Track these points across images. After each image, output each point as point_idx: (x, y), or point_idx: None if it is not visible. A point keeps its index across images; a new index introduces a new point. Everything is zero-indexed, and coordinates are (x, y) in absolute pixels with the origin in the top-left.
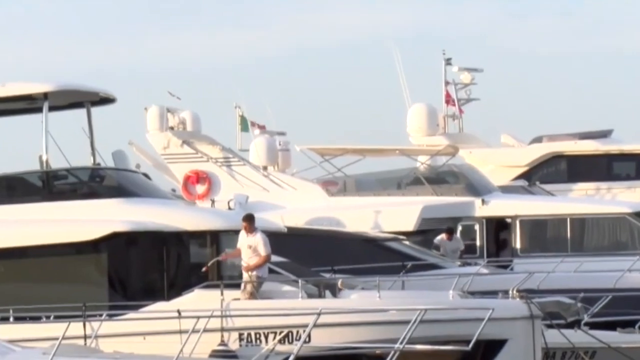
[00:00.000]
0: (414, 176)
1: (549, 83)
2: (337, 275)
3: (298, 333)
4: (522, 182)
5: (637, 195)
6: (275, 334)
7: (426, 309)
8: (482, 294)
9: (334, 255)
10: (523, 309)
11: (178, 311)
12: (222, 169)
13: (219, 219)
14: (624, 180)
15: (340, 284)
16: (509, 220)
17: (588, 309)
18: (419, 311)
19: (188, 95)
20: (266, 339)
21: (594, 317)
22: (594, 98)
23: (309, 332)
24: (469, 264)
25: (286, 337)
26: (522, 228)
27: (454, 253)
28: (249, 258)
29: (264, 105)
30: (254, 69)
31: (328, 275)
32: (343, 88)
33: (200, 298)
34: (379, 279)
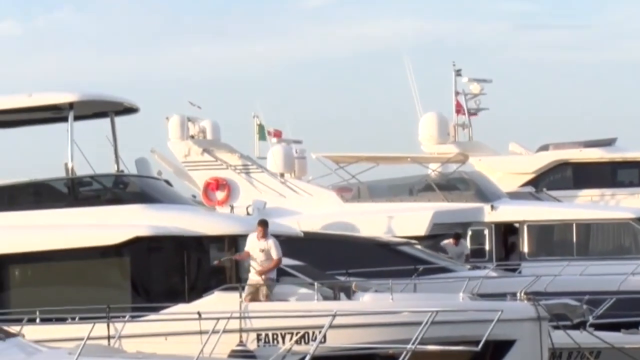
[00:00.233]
0: (426, 183)
1: (555, 93)
2: (352, 278)
3: (314, 334)
4: (530, 189)
5: None
6: (292, 334)
7: (437, 311)
8: (491, 296)
9: (348, 259)
10: (531, 310)
11: (198, 313)
12: (241, 176)
13: (237, 224)
14: (627, 187)
15: (355, 286)
16: (517, 225)
17: (593, 310)
18: (431, 313)
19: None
20: (283, 339)
21: (598, 319)
22: (598, 108)
23: (325, 333)
24: (479, 268)
25: (302, 338)
26: (530, 233)
27: (459, 257)
28: (261, 261)
29: (281, 114)
30: (272, 79)
31: (343, 278)
32: (357, 98)
33: (219, 300)
34: (392, 281)
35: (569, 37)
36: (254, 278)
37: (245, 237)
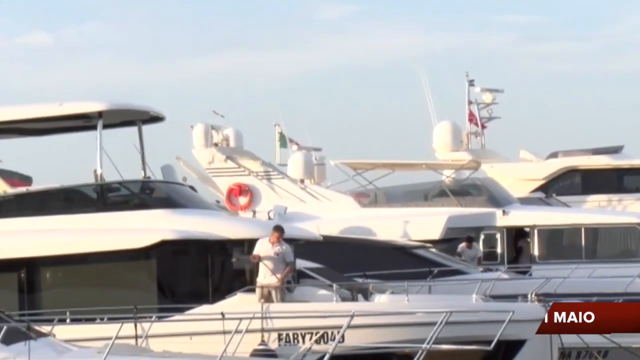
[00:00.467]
0: (440, 189)
1: (564, 103)
2: (369, 280)
3: (333, 334)
4: (540, 195)
5: None
6: (312, 334)
7: (451, 312)
8: (503, 297)
9: (365, 262)
10: (541, 311)
11: (222, 313)
12: (263, 182)
13: (259, 228)
14: (634, 193)
15: (372, 288)
16: (528, 229)
17: None
18: (445, 313)
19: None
20: (303, 339)
21: None
22: (606, 116)
23: (343, 333)
24: (491, 270)
25: (322, 338)
26: (540, 237)
27: (472, 260)
28: (276, 265)
29: (302, 122)
30: (293, 89)
31: (360, 280)
32: (374, 107)
33: (242, 301)
34: (407, 283)
35: (577, 48)
36: (264, 281)
37: None
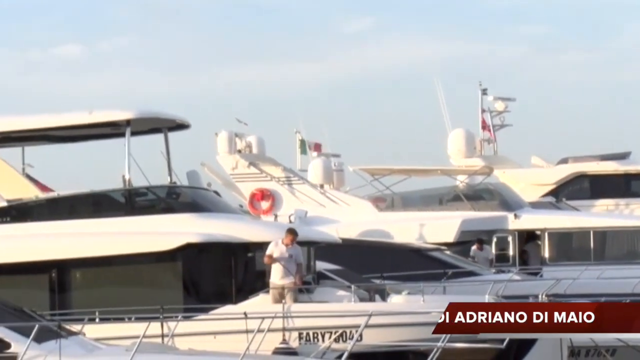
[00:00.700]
0: (454, 193)
1: (574, 110)
2: (386, 282)
3: (351, 333)
4: (550, 199)
5: None
6: (331, 333)
7: None
8: (515, 298)
9: (383, 264)
10: None
11: (245, 313)
12: (284, 187)
13: (280, 232)
14: None
15: (389, 289)
16: (539, 232)
17: None
18: None
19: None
20: (323, 338)
21: None
22: (614, 123)
23: (361, 332)
24: (503, 272)
25: (340, 336)
26: (550, 240)
27: (484, 261)
28: (289, 266)
29: (321, 130)
30: (313, 98)
31: (377, 281)
32: (391, 115)
33: (264, 301)
34: (423, 284)
35: (586, 59)
36: (278, 282)
37: None
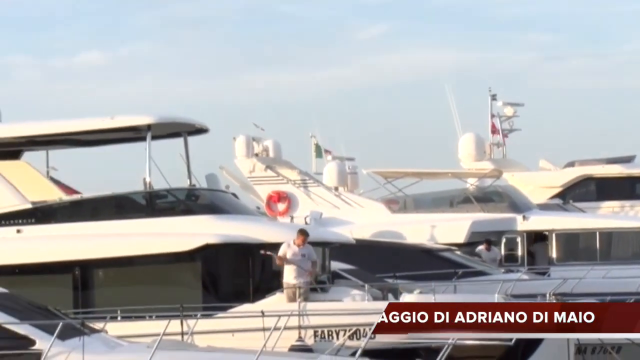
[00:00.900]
0: (464, 196)
1: (580, 115)
2: (398, 281)
3: (365, 330)
4: (557, 201)
5: None
6: (345, 331)
7: None
8: (523, 297)
9: (395, 264)
10: None
11: (262, 311)
12: (300, 189)
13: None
14: None
15: (401, 288)
16: (546, 233)
17: None
18: None
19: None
20: (337, 335)
21: None
22: (618, 128)
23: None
24: (512, 271)
25: (354, 334)
26: (558, 240)
27: (493, 261)
28: (303, 265)
29: (336, 134)
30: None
31: (390, 280)
32: (403, 119)
33: (280, 300)
34: (434, 284)
35: (591, 66)
36: (292, 281)
37: None
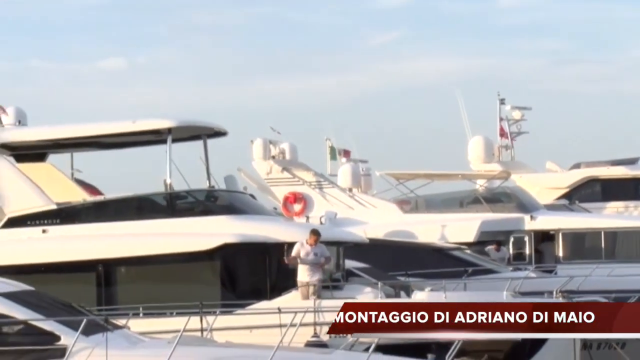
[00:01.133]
0: (474, 196)
1: (585, 119)
2: (410, 279)
3: None
4: (564, 202)
5: None
6: None
7: None
8: (531, 294)
9: (407, 262)
10: None
11: (278, 308)
12: (315, 190)
13: None
14: None
15: (413, 286)
16: (553, 233)
17: None
18: None
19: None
20: None
21: None
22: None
23: None
24: (520, 269)
25: None
26: (564, 239)
27: (501, 260)
28: (314, 264)
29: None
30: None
31: (402, 278)
32: (415, 123)
33: (295, 297)
34: (445, 281)
35: (597, 70)
36: (306, 279)
37: None
